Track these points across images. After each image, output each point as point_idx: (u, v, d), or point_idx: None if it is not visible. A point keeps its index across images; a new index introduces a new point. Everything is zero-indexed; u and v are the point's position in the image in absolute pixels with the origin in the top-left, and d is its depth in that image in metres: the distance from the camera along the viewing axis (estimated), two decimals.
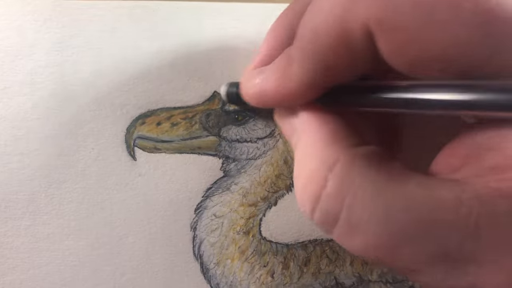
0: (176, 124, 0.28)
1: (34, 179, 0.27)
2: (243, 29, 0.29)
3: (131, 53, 0.28)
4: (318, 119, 0.17)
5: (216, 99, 0.29)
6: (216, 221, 0.28)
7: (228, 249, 0.27)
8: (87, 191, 0.27)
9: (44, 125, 0.28)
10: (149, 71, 0.28)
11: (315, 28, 0.15)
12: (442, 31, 0.13)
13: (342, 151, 0.16)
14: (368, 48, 0.15)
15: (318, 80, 0.17)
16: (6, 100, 0.28)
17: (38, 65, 0.28)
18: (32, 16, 0.28)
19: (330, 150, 0.16)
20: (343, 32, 0.15)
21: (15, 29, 0.28)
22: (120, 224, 0.27)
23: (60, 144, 0.28)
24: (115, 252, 0.27)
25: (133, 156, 0.28)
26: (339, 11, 0.14)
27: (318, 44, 0.15)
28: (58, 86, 0.28)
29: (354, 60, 0.16)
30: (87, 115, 0.28)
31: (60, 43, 0.28)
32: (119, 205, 0.27)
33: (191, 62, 0.29)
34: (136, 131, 0.28)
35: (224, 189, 0.28)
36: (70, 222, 0.27)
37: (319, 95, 0.18)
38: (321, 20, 0.15)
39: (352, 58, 0.16)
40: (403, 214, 0.14)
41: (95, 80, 0.28)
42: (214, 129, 0.28)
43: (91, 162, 0.28)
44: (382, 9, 0.13)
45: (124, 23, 0.29)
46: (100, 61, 0.28)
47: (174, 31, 0.29)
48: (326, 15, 0.15)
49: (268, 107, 0.21)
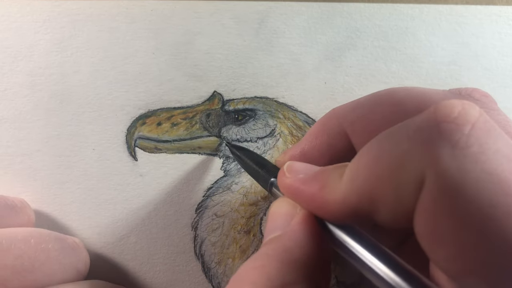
0: (177, 124, 0.28)
1: (36, 180, 0.28)
2: (242, 28, 0.29)
3: (130, 53, 0.28)
4: (310, 243, 0.17)
5: (216, 98, 0.28)
6: (217, 220, 0.28)
7: (229, 248, 0.28)
8: (89, 192, 0.28)
9: (45, 126, 0.28)
10: (148, 71, 0.28)
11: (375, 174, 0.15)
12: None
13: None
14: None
15: (358, 205, 0.16)
16: (6, 101, 0.28)
17: (38, 66, 0.28)
18: (31, 17, 0.28)
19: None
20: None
21: (14, 30, 0.28)
22: (122, 224, 0.28)
23: (61, 145, 0.28)
24: (117, 252, 0.27)
25: (134, 156, 0.28)
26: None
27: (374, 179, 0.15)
28: (58, 87, 0.28)
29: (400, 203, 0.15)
30: (88, 116, 0.28)
31: (60, 43, 0.28)
32: (121, 205, 0.28)
33: (190, 61, 0.29)
34: (136, 131, 0.28)
35: (225, 189, 0.28)
36: (72, 222, 0.27)
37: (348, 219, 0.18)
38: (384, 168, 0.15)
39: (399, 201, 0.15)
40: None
41: (95, 80, 0.28)
42: (214, 129, 0.28)
43: (93, 162, 0.28)
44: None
45: (122, 22, 0.28)
46: (100, 62, 0.28)
47: (173, 30, 0.29)
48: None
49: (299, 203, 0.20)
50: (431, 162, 0.13)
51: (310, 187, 0.18)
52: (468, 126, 0.14)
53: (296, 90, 0.29)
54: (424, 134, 0.14)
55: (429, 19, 0.30)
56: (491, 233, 0.12)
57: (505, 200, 0.12)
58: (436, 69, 0.29)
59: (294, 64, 0.29)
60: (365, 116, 0.20)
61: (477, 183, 0.13)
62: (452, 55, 0.30)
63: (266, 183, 0.23)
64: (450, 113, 0.14)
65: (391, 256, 0.16)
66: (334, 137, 0.21)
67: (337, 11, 0.29)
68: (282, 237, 0.18)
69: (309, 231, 0.18)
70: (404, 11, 0.29)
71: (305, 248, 0.17)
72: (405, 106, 0.19)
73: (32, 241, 0.22)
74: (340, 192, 0.16)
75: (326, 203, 0.17)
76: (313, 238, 0.17)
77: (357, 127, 0.20)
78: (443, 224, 0.13)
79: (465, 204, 0.13)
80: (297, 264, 0.16)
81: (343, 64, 0.29)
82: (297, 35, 0.29)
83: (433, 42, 0.29)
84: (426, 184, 0.13)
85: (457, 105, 0.14)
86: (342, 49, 0.29)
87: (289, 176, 0.19)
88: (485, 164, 0.13)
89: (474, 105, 0.14)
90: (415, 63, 0.29)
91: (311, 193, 0.18)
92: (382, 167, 0.15)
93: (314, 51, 0.29)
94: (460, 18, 0.30)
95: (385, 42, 0.29)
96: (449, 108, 0.14)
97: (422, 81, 0.29)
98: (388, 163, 0.15)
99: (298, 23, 0.29)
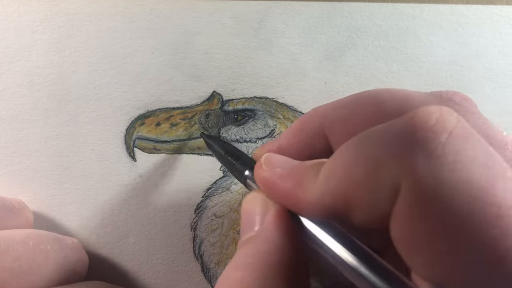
0: (176, 124, 0.28)
1: (35, 180, 0.28)
2: (242, 28, 0.29)
3: (129, 53, 0.28)
4: (286, 239, 0.17)
5: (215, 99, 0.28)
6: (216, 221, 0.28)
7: (228, 249, 0.28)
8: (88, 192, 0.28)
9: (43, 126, 0.28)
10: (147, 71, 0.28)
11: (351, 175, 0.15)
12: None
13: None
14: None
15: (333, 205, 0.16)
16: (5, 102, 0.28)
17: (36, 66, 0.28)
18: (28, 16, 0.28)
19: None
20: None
21: (11, 30, 0.28)
22: (121, 225, 0.28)
23: (60, 146, 0.28)
24: (117, 253, 0.27)
25: (133, 157, 0.28)
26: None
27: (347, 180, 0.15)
28: (57, 87, 0.28)
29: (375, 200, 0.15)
30: (87, 116, 0.28)
31: (58, 43, 0.28)
32: (120, 205, 0.28)
33: (190, 61, 0.28)
34: (135, 132, 0.28)
35: (224, 189, 0.28)
36: (71, 223, 0.27)
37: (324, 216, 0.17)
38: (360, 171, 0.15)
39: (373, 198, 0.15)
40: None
41: (94, 80, 0.28)
42: (213, 129, 0.28)
43: (91, 163, 0.28)
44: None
45: (120, 22, 0.28)
46: (98, 62, 0.28)
47: (172, 30, 0.28)
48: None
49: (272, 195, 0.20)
50: (407, 171, 0.13)
51: (285, 182, 0.18)
52: (445, 134, 0.13)
53: (296, 90, 0.29)
54: (401, 141, 0.14)
55: (429, 19, 0.29)
56: (467, 241, 0.12)
57: (481, 207, 0.12)
58: (437, 68, 0.29)
59: (294, 64, 0.29)
60: (346, 117, 0.20)
61: (453, 192, 0.13)
62: (453, 54, 0.29)
63: (241, 175, 0.22)
64: (427, 120, 0.14)
65: (366, 252, 0.16)
66: (312, 137, 0.21)
67: (338, 10, 0.29)
68: (257, 239, 0.17)
69: (283, 230, 0.17)
70: (404, 11, 0.29)
71: (281, 248, 0.17)
72: (387, 108, 0.19)
73: (31, 243, 0.22)
74: (315, 191, 0.16)
75: (300, 200, 0.17)
76: (288, 236, 0.17)
77: (336, 129, 0.20)
78: (419, 231, 0.13)
79: (440, 213, 0.13)
80: (275, 268, 0.16)
81: (343, 64, 0.29)
82: (297, 35, 0.29)
83: (434, 41, 0.29)
84: (402, 191, 0.13)
85: (435, 112, 0.14)
86: (343, 49, 0.29)
87: (266, 169, 0.19)
88: (462, 172, 0.13)
89: (452, 112, 0.14)
90: (415, 63, 0.29)
91: (286, 189, 0.17)
92: (358, 170, 0.15)
93: (314, 51, 0.29)
94: (461, 18, 0.29)
95: (386, 42, 0.29)
96: (427, 114, 0.14)
97: (422, 81, 0.29)
98: (364, 167, 0.14)
99: (298, 23, 0.29)
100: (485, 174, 0.13)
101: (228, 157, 0.23)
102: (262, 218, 0.18)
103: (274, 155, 0.20)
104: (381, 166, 0.14)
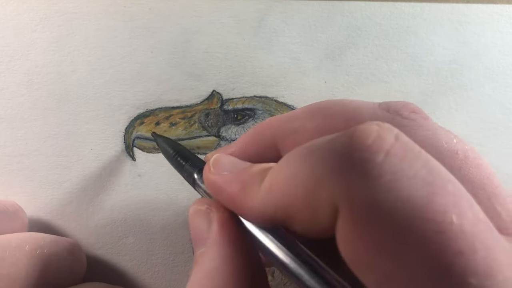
0: (175, 124, 0.28)
1: (33, 180, 0.27)
2: (242, 27, 0.29)
3: (128, 52, 0.28)
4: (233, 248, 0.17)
5: (215, 98, 0.28)
6: None
7: None
8: (87, 192, 0.27)
9: (43, 126, 0.28)
10: (146, 70, 0.28)
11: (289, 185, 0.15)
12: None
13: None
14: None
15: (275, 215, 0.16)
16: (3, 101, 0.28)
17: (35, 65, 0.28)
18: (27, 15, 0.28)
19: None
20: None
21: (10, 28, 0.28)
22: (120, 225, 0.27)
23: (59, 145, 0.28)
24: (116, 253, 0.27)
25: (132, 156, 0.28)
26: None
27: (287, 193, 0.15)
28: (56, 86, 0.28)
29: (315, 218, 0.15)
30: (86, 115, 0.28)
31: (57, 42, 0.28)
32: (119, 205, 0.27)
33: (189, 60, 0.28)
34: (135, 131, 0.28)
35: None
36: (70, 223, 0.27)
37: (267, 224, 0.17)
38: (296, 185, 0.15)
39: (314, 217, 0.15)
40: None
41: (93, 80, 0.28)
42: (213, 129, 0.28)
43: (90, 162, 0.28)
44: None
45: (119, 21, 0.28)
46: (97, 61, 0.28)
47: (171, 28, 0.28)
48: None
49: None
50: (343, 193, 0.13)
51: (231, 187, 0.17)
52: (381, 154, 0.13)
53: (296, 89, 0.29)
54: (339, 161, 0.14)
55: (430, 18, 0.29)
56: (408, 259, 0.12)
57: (420, 224, 0.12)
58: (437, 68, 0.29)
59: (294, 63, 0.29)
60: (297, 130, 0.20)
61: (390, 212, 0.12)
62: (453, 54, 0.29)
63: (190, 177, 0.22)
64: (364, 140, 0.14)
65: (306, 255, 0.16)
66: (264, 149, 0.21)
67: (338, 9, 0.29)
68: (207, 256, 0.17)
69: (230, 240, 0.17)
70: (405, 10, 0.29)
71: (233, 260, 0.17)
72: (337, 121, 0.19)
73: (27, 248, 0.22)
74: (257, 200, 0.16)
75: (244, 207, 0.17)
76: (236, 246, 0.17)
77: (288, 142, 0.20)
78: (362, 253, 0.13)
79: (380, 234, 0.12)
80: (231, 284, 0.16)
81: (343, 63, 0.29)
82: (297, 34, 0.29)
83: (434, 41, 0.29)
84: (340, 213, 0.13)
85: (372, 131, 0.14)
86: (343, 48, 0.29)
87: (214, 172, 0.18)
88: (400, 192, 0.12)
89: (391, 129, 0.14)
90: (416, 62, 0.29)
91: (232, 194, 0.17)
92: (297, 186, 0.14)
93: (314, 50, 0.29)
94: (462, 17, 0.29)
95: (386, 41, 0.29)
96: (365, 133, 0.14)
97: (423, 80, 0.29)
98: (303, 184, 0.14)
99: (298, 22, 0.29)
100: (424, 190, 0.13)
101: (177, 158, 0.23)
102: (208, 229, 0.18)
103: (223, 156, 0.19)
104: (320, 185, 0.14)
